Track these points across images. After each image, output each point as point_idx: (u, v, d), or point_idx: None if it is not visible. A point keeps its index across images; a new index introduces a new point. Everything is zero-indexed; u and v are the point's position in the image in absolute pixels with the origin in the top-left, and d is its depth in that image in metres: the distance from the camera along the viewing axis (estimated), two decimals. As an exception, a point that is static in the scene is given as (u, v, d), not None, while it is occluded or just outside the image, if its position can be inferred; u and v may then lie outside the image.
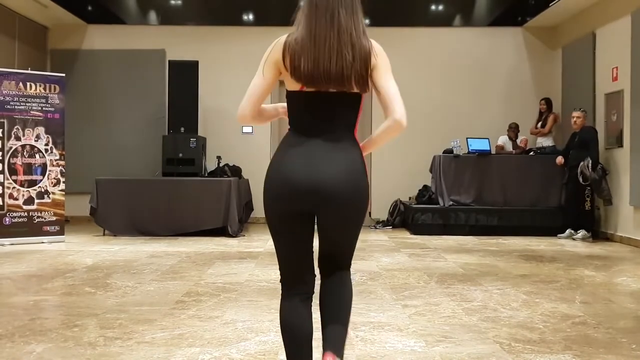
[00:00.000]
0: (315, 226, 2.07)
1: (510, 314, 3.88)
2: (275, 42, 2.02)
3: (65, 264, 5.69)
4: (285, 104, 2.12)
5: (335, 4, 1.97)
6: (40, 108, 7.28)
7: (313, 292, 2.11)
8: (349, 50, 1.95)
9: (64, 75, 7.65)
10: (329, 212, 1.99)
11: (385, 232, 8.97)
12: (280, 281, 2.12)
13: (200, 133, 9.23)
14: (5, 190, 7.02)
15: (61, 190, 7.44)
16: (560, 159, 8.35)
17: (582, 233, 7.93)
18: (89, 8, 9.75)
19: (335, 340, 2.03)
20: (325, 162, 1.96)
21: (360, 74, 1.97)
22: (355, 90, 1.99)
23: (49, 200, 7.32)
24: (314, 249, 2.11)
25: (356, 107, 2.04)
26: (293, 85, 2.00)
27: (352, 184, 1.98)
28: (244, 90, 2.07)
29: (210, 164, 9.29)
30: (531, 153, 9.13)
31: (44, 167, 7.30)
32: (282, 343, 2.08)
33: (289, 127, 2.08)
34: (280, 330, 2.08)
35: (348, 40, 1.95)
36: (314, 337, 2.08)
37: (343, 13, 1.96)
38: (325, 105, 2.00)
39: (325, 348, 2.02)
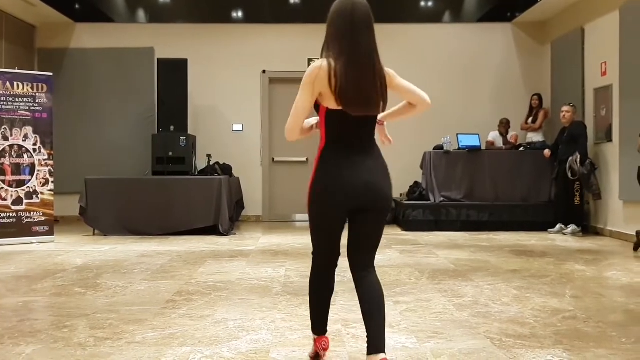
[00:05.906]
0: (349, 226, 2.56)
1: (501, 309, 3.89)
2: (317, 68, 2.39)
3: (55, 265, 5.65)
4: (314, 119, 2.58)
5: (371, 47, 2.43)
6: (28, 107, 7.22)
7: (336, 264, 2.69)
8: (380, 83, 2.45)
9: (51, 74, 7.59)
10: (371, 206, 2.50)
11: (377, 229, 8.96)
12: (312, 253, 2.68)
13: (190, 131, 9.20)
14: (-6, 190, 6.97)
15: (50, 190, 7.39)
16: (547, 152, 8.41)
17: (572, 228, 7.97)
18: (77, 6, 9.69)
19: (379, 341, 2.44)
20: (367, 170, 2.48)
21: (384, 98, 2.47)
22: (380, 110, 2.50)
23: (37, 201, 7.27)
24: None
25: (375, 122, 2.58)
26: (334, 105, 2.42)
27: (387, 185, 2.58)
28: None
29: (201, 163, 9.26)
30: (521, 148, 9.16)
31: (32, 167, 7.24)
32: (309, 299, 2.77)
33: (324, 138, 2.51)
34: (308, 291, 2.76)
35: (379, 77, 2.45)
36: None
37: (375, 55, 2.44)
38: (360, 122, 2.47)
39: (373, 351, 2.41)
